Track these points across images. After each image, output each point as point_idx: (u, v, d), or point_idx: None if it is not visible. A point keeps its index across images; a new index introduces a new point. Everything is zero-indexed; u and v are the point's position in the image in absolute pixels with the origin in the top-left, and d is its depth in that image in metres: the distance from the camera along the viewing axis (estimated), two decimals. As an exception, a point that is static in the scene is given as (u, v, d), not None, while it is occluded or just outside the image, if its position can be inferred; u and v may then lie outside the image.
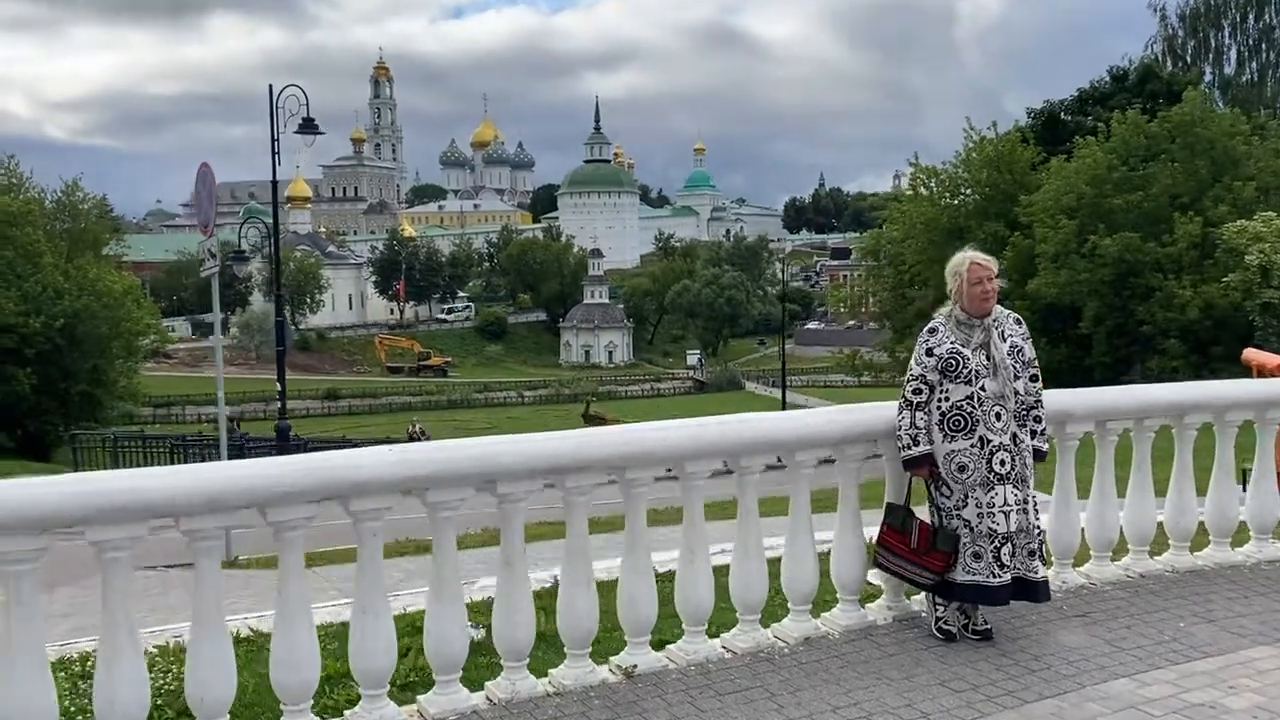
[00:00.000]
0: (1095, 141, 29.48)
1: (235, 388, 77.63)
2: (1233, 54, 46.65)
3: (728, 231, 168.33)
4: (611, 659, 4.05)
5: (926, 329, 4.42)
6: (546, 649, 4.13)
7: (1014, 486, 4.26)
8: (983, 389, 4.25)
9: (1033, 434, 4.38)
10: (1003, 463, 4.25)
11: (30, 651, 3.01)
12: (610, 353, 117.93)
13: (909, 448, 4.31)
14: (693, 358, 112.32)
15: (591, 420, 74.22)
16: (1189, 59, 45.51)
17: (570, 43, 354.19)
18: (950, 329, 4.34)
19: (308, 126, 18.80)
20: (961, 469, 4.28)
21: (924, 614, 4.63)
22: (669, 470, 4.09)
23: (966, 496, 4.28)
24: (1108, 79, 39.71)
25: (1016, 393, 4.31)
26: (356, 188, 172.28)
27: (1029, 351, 4.40)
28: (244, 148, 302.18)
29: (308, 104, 18.79)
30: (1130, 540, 5.34)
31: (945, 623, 4.45)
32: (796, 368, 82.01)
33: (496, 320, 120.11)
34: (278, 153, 18.28)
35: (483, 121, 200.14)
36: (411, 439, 29.60)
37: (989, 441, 4.25)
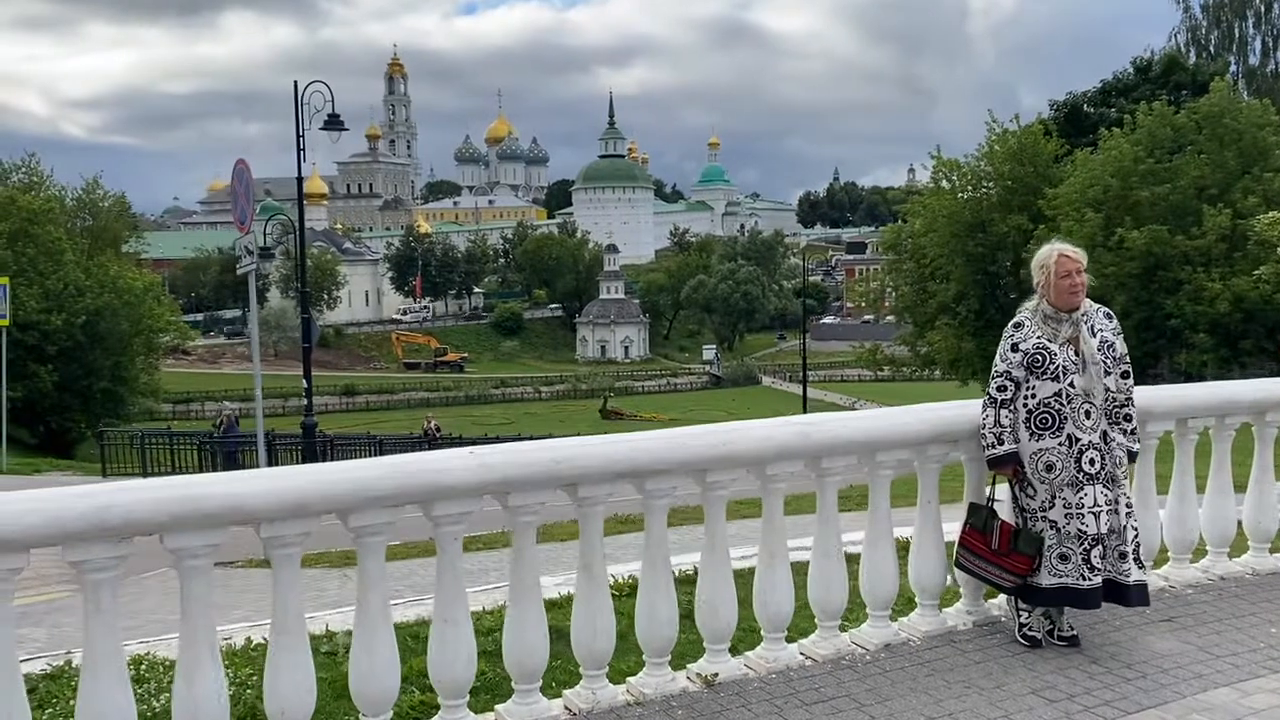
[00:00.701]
0: (1121, 133, 29.15)
1: (254, 384, 77.90)
2: (1257, 44, 46.20)
3: (742, 226, 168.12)
4: (689, 666, 3.94)
5: (1012, 324, 4.28)
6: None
7: (1104, 486, 4.11)
8: (1071, 385, 4.11)
9: (1123, 433, 4.23)
10: (1092, 462, 4.10)
11: (111, 661, 2.92)
12: (626, 348, 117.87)
13: (993, 446, 4.17)
14: (709, 353, 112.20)
15: (610, 416, 74.28)
16: (1213, 50, 45.05)
17: (583, 38, 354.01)
18: (1036, 324, 4.20)
19: (333, 123, 18.73)
20: (1049, 468, 4.13)
21: (1004, 619, 4.49)
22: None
23: (1054, 497, 4.14)
24: (1131, 70, 39.29)
25: (1106, 389, 4.16)
26: (371, 184, 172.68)
27: (1120, 347, 4.25)
28: (259, 145, 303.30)
29: (333, 100, 18.73)
30: (1209, 542, 5.18)
31: (1030, 628, 4.31)
32: (813, 362, 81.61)
33: (512, 316, 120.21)
34: (303, 149, 18.22)
35: (497, 117, 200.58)
36: (426, 435, 29.31)
37: (1077, 440, 4.10)
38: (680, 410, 79.30)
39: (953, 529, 4.38)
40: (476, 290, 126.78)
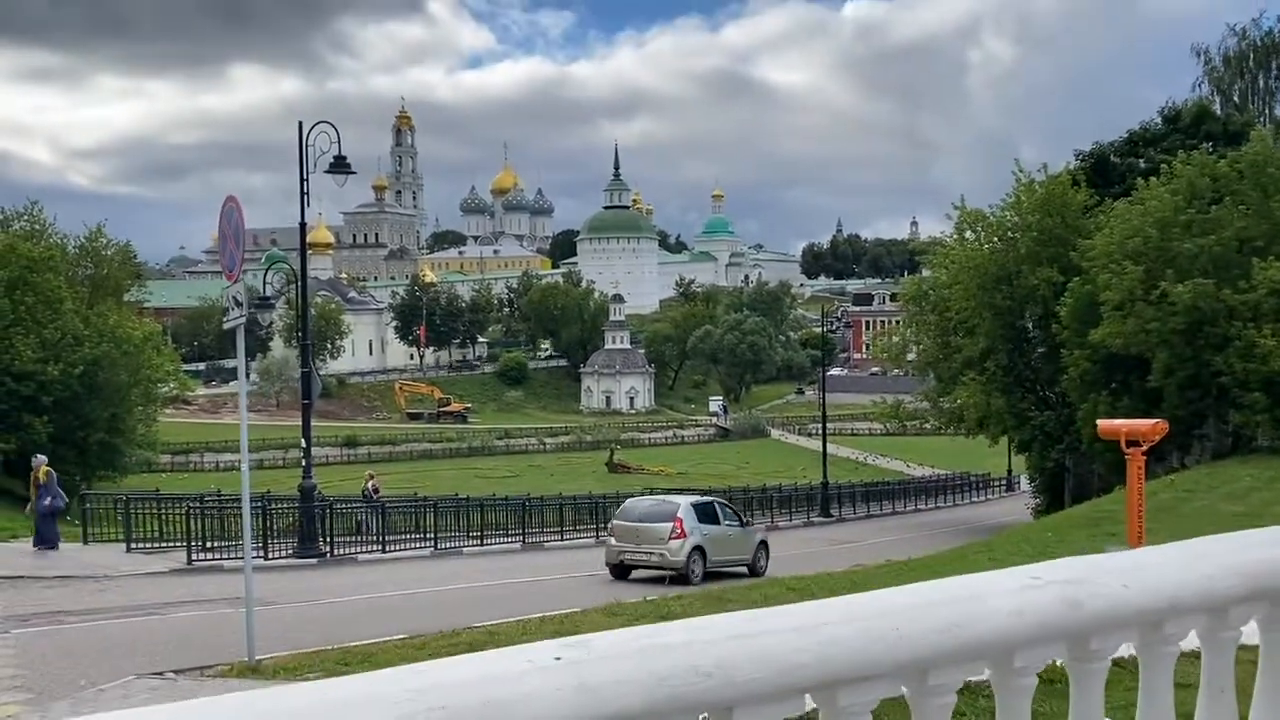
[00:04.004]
0: (1159, 182, 28.07)
1: (254, 435, 76.03)
2: (1281, 97, 45.47)
3: (746, 277, 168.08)
4: None
5: None
6: None
7: None
8: None
9: None
10: None
11: None
12: (631, 399, 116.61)
13: None
14: (715, 404, 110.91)
15: (617, 469, 72.65)
16: (1237, 100, 44.34)
17: (585, 91, 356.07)
18: None
19: (339, 165, 17.62)
20: None
21: None
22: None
23: None
24: (1159, 120, 38.42)
25: None
26: (377, 234, 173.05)
27: None
28: (265, 195, 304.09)
29: (339, 141, 17.64)
30: None
31: None
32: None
33: (517, 365, 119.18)
34: (307, 192, 17.10)
35: (502, 168, 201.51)
36: (365, 496, 26.99)
37: None
38: (689, 463, 77.70)
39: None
40: (481, 340, 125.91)
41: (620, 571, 17.88)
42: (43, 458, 19.13)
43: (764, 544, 20.43)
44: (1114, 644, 2.62)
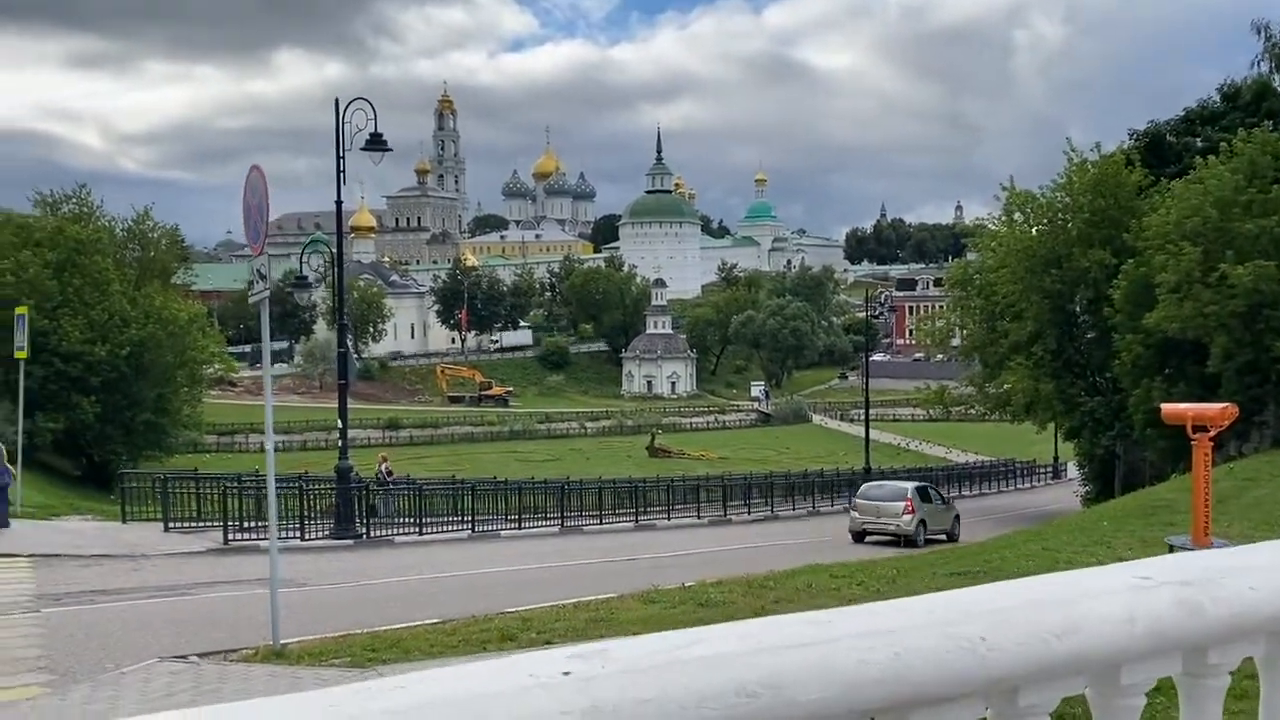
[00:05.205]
0: (1219, 160, 27.04)
1: (298, 416, 77.53)
2: (1346, 72, 43.73)
3: (789, 262, 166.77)
4: None
5: None
6: None
7: None
8: None
9: None
10: None
11: None
12: (673, 383, 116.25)
13: None
14: (756, 389, 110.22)
15: (658, 453, 72.45)
16: (1299, 77, 42.74)
17: (627, 75, 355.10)
18: None
19: (375, 142, 17.40)
20: None
21: None
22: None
23: None
24: (1217, 98, 37.10)
25: None
26: (420, 218, 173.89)
27: None
28: (309, 180, 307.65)
29: (375, 119, 17.41)
30: None
31: None
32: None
33: (558, 350, 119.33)
34: (343, 171, 16.89)
35: (544, 152, 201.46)
36: (379, 480, 25.66)
37: None
38: (730, 448, 77.27)
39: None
40: (522, 324, 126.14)
41: (859, 537, 22.99)
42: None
43: (957, 517, 25.56)
44: (1235, 656, 2.21)
